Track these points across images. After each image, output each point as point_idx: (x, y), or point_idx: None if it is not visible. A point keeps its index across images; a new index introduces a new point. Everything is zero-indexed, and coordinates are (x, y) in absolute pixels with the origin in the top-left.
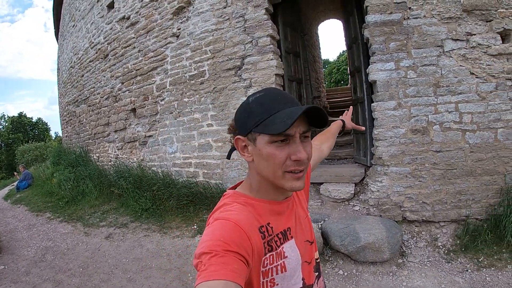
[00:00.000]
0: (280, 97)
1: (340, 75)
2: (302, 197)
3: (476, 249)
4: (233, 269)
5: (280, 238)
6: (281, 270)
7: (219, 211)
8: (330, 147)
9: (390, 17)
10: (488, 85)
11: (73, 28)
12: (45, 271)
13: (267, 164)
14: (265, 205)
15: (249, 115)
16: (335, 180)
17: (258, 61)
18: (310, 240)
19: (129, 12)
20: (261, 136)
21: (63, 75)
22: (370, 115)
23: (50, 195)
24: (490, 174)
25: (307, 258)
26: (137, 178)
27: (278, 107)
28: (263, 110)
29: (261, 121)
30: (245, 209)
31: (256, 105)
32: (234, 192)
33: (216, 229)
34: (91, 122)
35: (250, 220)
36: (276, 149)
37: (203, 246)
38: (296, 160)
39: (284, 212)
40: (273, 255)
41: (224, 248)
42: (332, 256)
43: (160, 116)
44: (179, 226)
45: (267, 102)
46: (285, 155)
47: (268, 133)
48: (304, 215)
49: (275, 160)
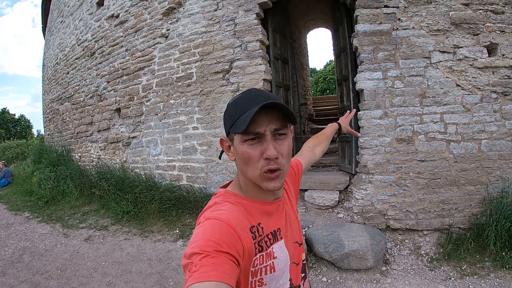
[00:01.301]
0: (254, 97)
1: (326, 84)
2: (292, 198)
3: (459, 257)
4: (225, 270)
5: (270, 238)
6: (270, 271)
7: (210, 210)
8: (323, 150)
9: (379, 27)
10: (473, 97)
11: (61, 24)
12: (22, 272)
13: (243, 163)
14: (256, 205)
15: (228, 116)
16: (319, 187)
17: (246, 65)
18: (299, 241)
19: (118, 10)
20: (236, 135)
21: (48, 71)
22: (356, 124)
23: (29, 194)
24: (474, 184)
25: (296, 260)
26: (119, 180)
27: (248, 106)
28: (237, 110)
29: (234, 121)
30: (236, 208)
31: (233, 106)
32: (226, 191)
33: (207, 229)
34: (74, 121)
35: (241, 220)
36: (249, 148)
37: (194, 246)
38: (267, 159)
39: (275, 213)
40: (263, 255)
41: (216, 248)
42: (316, 263)
43: (145, 117)
44: (160, 230)
45: (242, 102)
46: (257, 154)
47: (236, 133)
48: (294, 217)
49: (248, 159)
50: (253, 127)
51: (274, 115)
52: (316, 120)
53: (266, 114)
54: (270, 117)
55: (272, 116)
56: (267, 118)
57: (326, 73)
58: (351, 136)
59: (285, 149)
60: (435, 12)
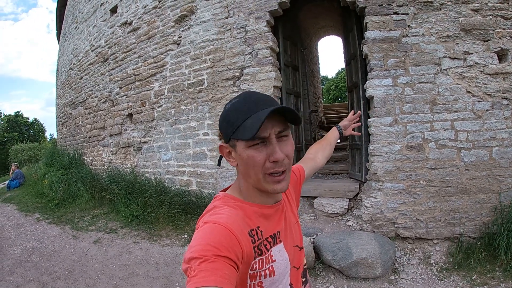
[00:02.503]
0: (253, 101)
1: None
2: (293, 202)
3: (469, 267)
4: (224, 274)
5: (270, 242)
6: (270, 274)
7: (209, 214)
8: (326, 156)
9: (389, 34)
10: (484, 104)
11: (75, 30)
12: (30, 271)
13: (248, 168)
14: (255, 209)
15: (227, 122)
16: (329, 194)
17: (257, 72)
18: (300, 245)
19: (131, 18)
20: (239, 142)
21: (62, 76)
22: (366, 131)
23: (40, 196)
24: (485, 192)
25: (296, 264)
26: (129, 184)
27: (250, 111)
28: (237, 116)
29: (236, 127)
30: (235, 212)
31: (232, 111)
32: (225, 194)
33: (206, 233)
34: (87, 125)
35: (240, 223)
36: (255, 152)
37: (193, 251)
38: (274, 162)
39: (274, 216)
40: (262, 259)
41: (214, 253)
42: (323, 271)
43: (156, 123)
44: (169, 235)
45: (241, 108)
46: (263, 157)
47: (241, 139)
48: (294, 221)
49: (254, 164)
50: (258, 133)
51: (276, 118)
52: (327, 127)
53: (269, 118)
54: (273, 121)
55: (274, 120)
56: (270, 122)
57: (338, 81)
58: (362, 143)
59: (290, 150)
60: (445, 19)
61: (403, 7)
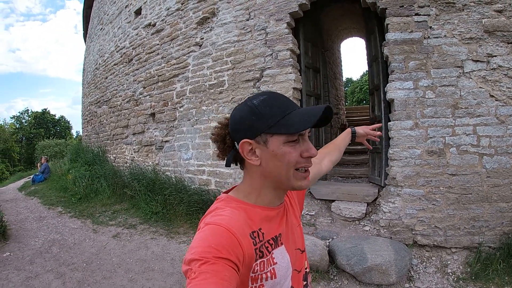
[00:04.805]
0: (284, 99)
1: (362, 94)
2: (296, 206)
3: (486, 278)
4: (224, 277)
5: (272, 244)
6: (271, 277)
7: (211, 215)
8: (333, 161)
9: (410, 36)
10: (508, 109)
11: (101, 31)
12: (49, 262)
13: (280, 164)
14: (258, 210)
15: (259, 117)
16: (347, 198)
17: (277, 74)
18: (302, 248)
19: (155, 19)
20: (274, 137)
21: (88, 76)
22: (387, 134)
23: (64, 190)
24: (506, 201)
25: (297, 267)
26: (150, 182)
27: (288, 108)
28: (275, 112)
29: (274, 122)
30: (237, 213)
31: (265, 107)
32: (227, 196)
33: (207, 235)
34: (111, 123)
35: (241, 225)
36: (291, 148)
37: (193, 252)
38: (308, 157)
39: (276, 218)
40: (264, 261)
41: (215, 255)
42: (337, 275)
43: (178, 122)
44: (186, 232)
45: (276, 104)
46: (298, 153)
47: (286, 133)
48: (296, 224)
49: (290, 159)
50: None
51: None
52: None
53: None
54: None
55: None
56: None
57: (363, 83)
58: (382, 147)
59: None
60: (468, 20)
61: (425, 8)
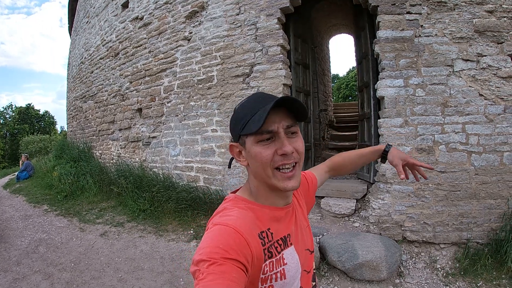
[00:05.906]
0: (261, 99)
1: (348, 90)
2: (304, 206)
3: (475, 273)
4: (232, 278)
5: (281, 244)
6: (281, 278)
7: (219, 215)
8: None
9: (401, 34)
10: (497, 108)
11: (87, 25)
12: (36, 262)
13: (257, 164)
14: (266, 210)
15: (236, 120)
16: (336, 194)
17: (267, 69)
18: (311, 249)
19: (142, 13)
20: (248, 138)
21: (73, 70)
22: (376, 131)
23: (49, 187)
24: (494, 198)
25: (307, 267)
26: (137, 178)
27: (258, 107)
28: (246, 112)
29: (244, 123)
30: (245, 214)
31: (241, 110)
32: (235, 196)
33: (215, 235)
34: (97, 119)
35: (250, 225)
36: (263, 148)
37: (202, 253)
38: (283, 154)
39: (285, 218)
40: (273, 262)
41: (223, 255)
42: (328, 271)
43: (165, 118)
44: (175, 230)
45: (249, 105)
46: (271, 152)
47: (248, 133)
48: (305, 224)
49: (262, 158)
50: (265, 126)
51: (284, 113)
52: (336, 126)
53: (276, 113)
54: (281, 115)
55: (282, 114)
56: (278, 116)
57: (349, 79)
58: (371, 144)
59: (300, 145)
60: (459, 19)
61: (416, 6)
